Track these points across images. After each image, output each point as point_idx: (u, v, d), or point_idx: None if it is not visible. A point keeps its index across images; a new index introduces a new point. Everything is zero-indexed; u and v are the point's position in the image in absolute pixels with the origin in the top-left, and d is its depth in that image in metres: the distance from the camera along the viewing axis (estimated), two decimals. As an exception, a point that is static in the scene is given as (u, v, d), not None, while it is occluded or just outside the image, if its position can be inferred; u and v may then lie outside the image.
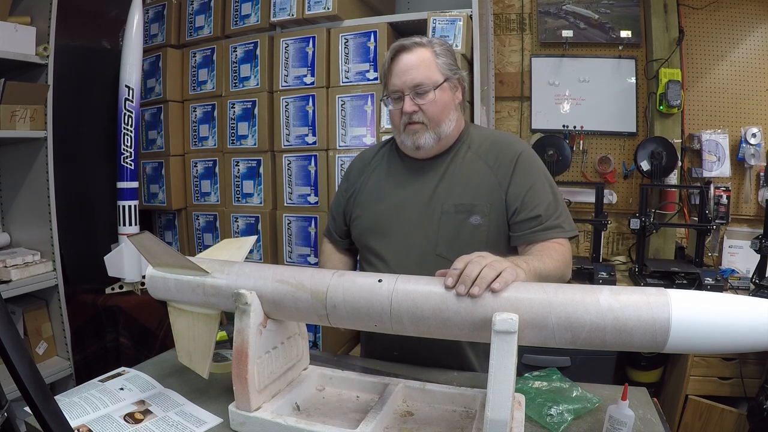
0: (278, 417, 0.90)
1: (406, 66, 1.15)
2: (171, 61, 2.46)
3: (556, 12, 2.60)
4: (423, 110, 1.15)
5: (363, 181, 1.32)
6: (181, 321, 1.03)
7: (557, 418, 0.93)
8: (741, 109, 2.46)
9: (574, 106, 2.63)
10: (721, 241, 2.47)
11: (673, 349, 0.73)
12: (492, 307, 0.77)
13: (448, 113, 1.18)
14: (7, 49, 1.82)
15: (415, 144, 1.18)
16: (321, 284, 0.88)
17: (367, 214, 1.27)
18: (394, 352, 1.22)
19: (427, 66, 1.15)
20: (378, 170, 1.31)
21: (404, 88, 1.15)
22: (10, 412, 0.53)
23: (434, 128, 1.17)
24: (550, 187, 1.18)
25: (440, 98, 1.15)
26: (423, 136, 1.17)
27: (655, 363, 2.23)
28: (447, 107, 1.17)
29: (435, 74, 1.15)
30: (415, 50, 1.15)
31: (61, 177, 2.06)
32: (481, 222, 1.15)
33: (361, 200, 1.30)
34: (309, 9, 2.18)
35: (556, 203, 1.15)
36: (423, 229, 1.18)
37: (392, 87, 1.17)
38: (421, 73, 1.14)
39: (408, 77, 1.14)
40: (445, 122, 1.18)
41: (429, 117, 1.15)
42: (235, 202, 2.39)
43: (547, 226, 1.12)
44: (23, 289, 1.91)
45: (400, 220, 1.21)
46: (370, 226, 1.26)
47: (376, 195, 1.27)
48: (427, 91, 1.14)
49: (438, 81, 1.15)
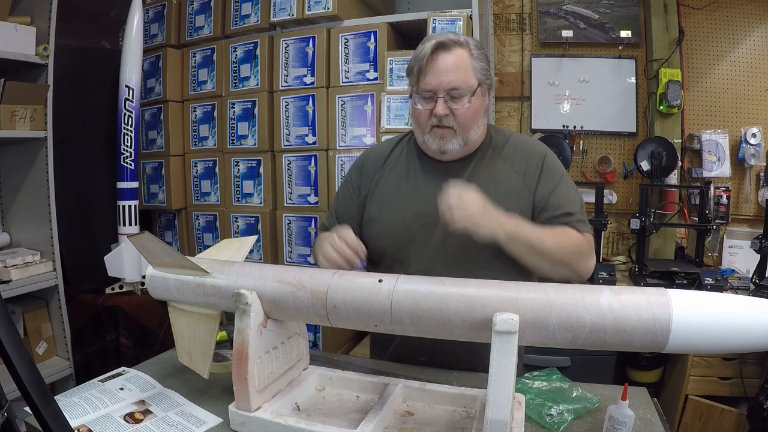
0: (278, 417, 0.90)
1: (445, 67, 1.09)
2: (171, 61, 2.46)
3: (556, 12, 2.60)
4: (455, 115, 1.10)
5: (379, 179, 1.25)
6: (181, 321, 1.03)
7: (557, 418, 0.93)
8: (741, 109, 2.46)
9: (574, 106, 2.63)
10: (721, 241, 2.47)
11: (674, 350, 0.73)
12: (492, 307, 0.77)
13: (477, 119, 1.14)
14: (7, 49, 1.82)
15: (441, 148, 1.14)
16: (321, 284, 0.88)
17: (386, 217, 1.20)
18: (422, 358, 1.19)
19: (465, 69, 1.10)
20: (396, 169, 1.24)
21: (439, 89, 1.09)
22: (10, 412, 0.53)
23: (463, 134, 1.13)
24: (573, 187, 1.19)
25: (473, 104, 1.11)
26: (450, 141, 1.13)
27: (655, 363, 2.23)
28: (478, 113, 1.13)
29: (471, 79, 1.10)
30: (455, 50, 1.10)
31: (61, 177, 2.06)
32: None
33: (378, 200, 1.23)
34: (309, 9, 2.18)
35: (580, 203, 1.17)
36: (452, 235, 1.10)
37: (425, 86, 1.10)
38: (458, 76, 1.09)
39: (445, 79, 1.08)
40: (474, 128, 1.14)
41: (460, 123, 1.11)
42: (235, 202, 2.39)
43: (575, 219, 1.13)
44: (23, 289, 1.91)
45: (426, 226, 1.15)
46: (390, 230, 1.20)
47: (395, 197, 1.21)
48: (462, 96, 1.09)
49: (474, 86, 1.10)
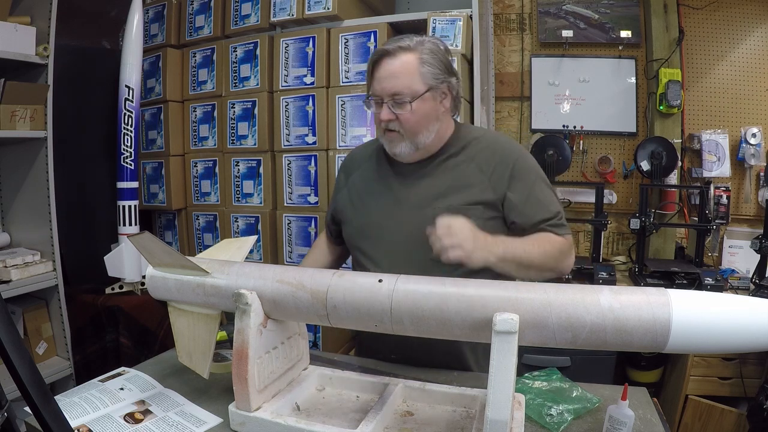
0: (278, 417, 0.90)
1: (387, 72, 1.11)
2: (171, 61, 2.46)
3: (556, 12, 2.60)
4: (400, 120, 1.12)
5: (353, 180, 1.30)
6: (181, 321, 1.03)
7: (557, 418, 0.93)
8: (741, 109, 2.46)
9: (574, 106, 2.63)
10: (721, 241, 2.47)
11: (674, 350, 0.73)
12: (492, 307, 0.77)
13: (427, 124, 1.14)
14: (7, 49, 1.82)
15: (392, 151, 1.18)
16: (321, 284, 0.88)
17: (357, 216, 1.26)
18: (392, 356, 1.21)
19: (409, 75, 1.10)
20: (367, 170, 1.29)
21: (383, 95, 1.12)
22: (10, 412, 0.53)
23: (410, 138, 1.14)
24: (548, 189, 1.19)
25: (418, 109, 1.11)
26: (399, 145, 1.15)
27: (655, 363, 2.23)
28: (426, 118, 1.13)
29: (416, 84, 1.11)
30: (399, 56, 1.11)
31: (61, 177, 2.06)
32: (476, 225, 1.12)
33: (350, 201, 1.29)
34: (309, 9, 2.18)
35: (555, 206, 1.17)
36: (417, 232, 1.11)
37: (372, 91, 1.15)
38: (400, 82, 1.10)
39: (387, 84, 1.11)
40: (423, 133, 1.14)
41: (405, 128, 1.12)
42: (235, 202, 2.39)
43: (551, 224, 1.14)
44: (23, 289, 1.91)
45: (392, 224, 1.19)
46: (360, 228, 1.25)
47: (365, 197, 1.26)
48: (404, 102, 1.10)
49: (418, 92, 1.11)
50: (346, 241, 1.33)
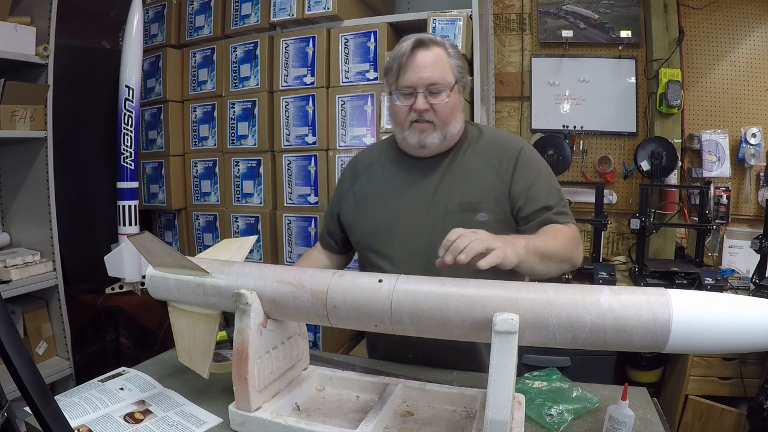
0: (278, 417, 0.90)
1: (423, 63, 1.14)
2: (171, 61, 2.46)
3: (556, 12, 2.60)
4: (435, 110, 1.15)
5: (359, 184, 1.31)
6: (181, 321, 1.03)
7: (557, 418, 0.93)
8: (741, 109, 2.46)
9: (574, 106, 2.63)
10: (721, 241, 2.47)
11: (674, 350, 0.73)
12: (492, 307, 0.77)
13: (456, 115, 1.19)
14: (7, 49, 1.82)
15: (421, 142, 1.18)
16: (321, 284, 0.88)
17: (368, 217, 1.26)
18: (410, 355, 1.22)
19: (443, 66, 1.15)
20: (375, 172, 1.30)
21: (419, 85, 1.14)
22: (10, 412, 0.53)
23: (442, 128, 1.17)
24: (551, 179, 1.21)
25: (452, 100, 1.16)
26: (431, 135, 1.17)
27: (655, 363, 2.23)
28: (456, 109, 1.18)
29: (449, 75, 1.15)
30: (432, 48, 1.15)
31: (61, 177, 2.06)
32: (487, 219, 1.15)
33: (359, 204, 1.29)
34: (309, 9, 2.18)
35: (559, 195, 1.20)
36: (429, 229, 1.17)
37: (405, 82, 1.15)
38: (437, 72, 1.14)
39: (424, 74, 1.13)
40: (453, 123, 1.18)
41: (440, 117, 1.15)
42: (235, 202, 2.39)
43: (555, 212, 1.15)
44: (23, 289, 1.91)
45: (404, 222, 1.20)
46: (372, 229, 1.25)
47: (376, 198, 1.26)
48: (441, 92, 1.14)
49: (451, 82, 1.15)
50: (355, 245, 1.33)
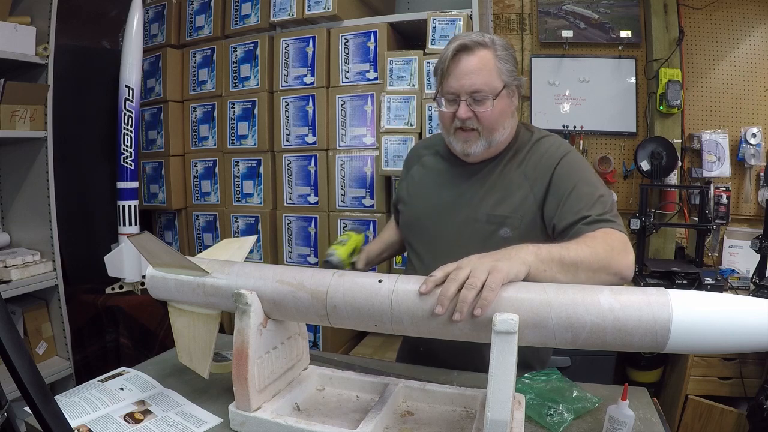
0: (278, 417, 0.90)
1: (467, 69, 1.08)
2: (171, 61, 2.46)
3: (556, 12, 2.60)
4: (478, 118, 1.10)
5: (412, 174, 1.32)
6: (181, 321, 1.03)
7: (557, 418, 0.93)
8: (741, 109, 2.46)
9: (574, 106, 2.63)
10: (721, 241, 2.47)
11: (674, 350, 0.73)
12: (492, 307, 0.77)
13: (503, 121, 1.12)
14: (7, 49, 1.82)
15: (465, 151, 1.14)
16: (321, 284, 0.88)
17: (409, 209, 1.28)
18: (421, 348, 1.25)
19: (488, 71, 1.08)
20: (425, 166, 1.29)
21: (461, 92, 1.09)
22: (10, 412, 0.53)
23: (487, 136, 1.12)
24: (593, 187, 1.08)
25: (497, 106, 1.09)
26: (474, 144, 1.13)
27: (655, 363, 2.23)
28: (503, 115, 1.12)
29: (495, 81, 1.09)
30: (478, 52, 1.08)
31: (61, 177, 2.06)
32: (510, 235, 1.11)
33: (406, 193, 1.31)
34: (309, 9, 2.18)
35: (602, 204, 1.05)
36: (456, 235, 1.16)
37: (448, 89, 1.11)
38: (481, 78, 1.07)
39: (467, 81, 1.08)
40: (499, 131, 1.13)
41: (484, 125, 1.10)
42: (235, 202, 2.39)
43: (590, 221, 1.03)
44: (23, 289, 1.91)
45: (435, 222, 1.20)
46: (410, 222, 1.27)
47: (418, 191, 1.27)
48: (485, 99, 1.08)
49: (497, 89, 1.09)
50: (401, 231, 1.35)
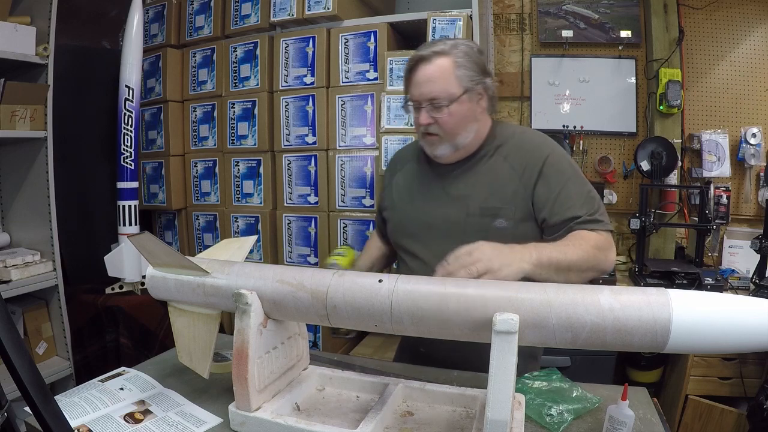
0: (278, 417, 0.90)
1: (424, 78, 1.14)
2: (171, 61, 2.46)
3: (556, 12, 2.60)
4: (438, 123, 1.15)
5: (396, 180, 1.35)
6: (181, 321, 1.03)
7: (557, 418, 0.93)
8: (741, 109, 2.46)
9: (574, 106, 2.63)
10: (721, 241, 2.47)
11: (674, 350, 0.73)
12: (492, 307, 0.77)
13: (465, 125, 1.17)
14: (7, 49, 1.82)
15: (432, 153, 1.21)
16: (321, 284, 0.88)
17: (397, 213, 1.31)
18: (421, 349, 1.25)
19: (445, 79, 1.13)
20: (409, 170, 1.33)
21: (421, 100, 1.15)
22: (10, 412, 0.53)
23: (449, 140, 1.17)
24: (582, 186, 1.16)
25: (456, 112, 1.14)
26: (439, 147, 1.18)
27: (655, 363, 2.23)
28: (464, 119, 1.16)
29: (452, 87, 1.13)
30: (435, 60, 1.13)
31: (61, 177, 2.06)
32: (506, 225, 1.15)
33: (392, 199, 1.33)
34: (309, 9, 2.18)
35: (591, 202, 1.14)
36: (450, 231, 1.18)
37: (411, 96, 1.18)
38: (437, 86, 1.13)
39: (425, 89, 1.14)
40: (462, 134, 1.17)
41: (444, 130, 1.15)
42: (235, 202, 2.39)
43: (582, 221, 1.11)
44: (23, 289, 1.91)
45: (427, 223, 1.23)
46: (400, 226, 1.30)
47: (405, 195, 1.30)
48: (442, 106, 1.13)
49: (455, 95, 1.13)
50: (389, 238, 1.37)
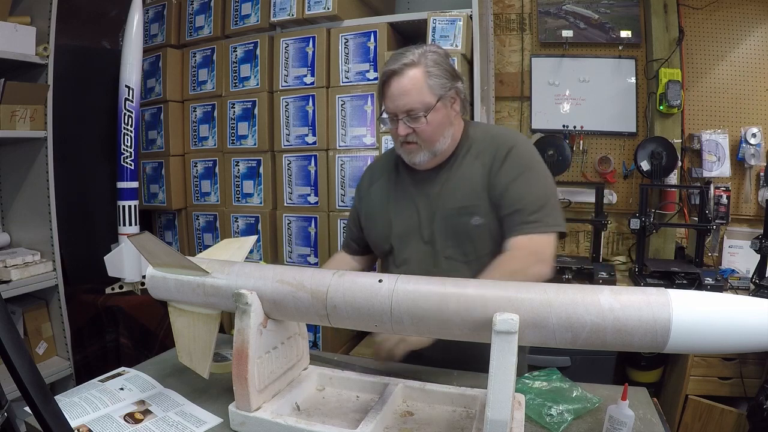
0: (278, 417, 0.90)
1: (398, 91, 1.15)
2: (171, 61, 2.46)
3: (556, 12, 2.60)
4: (416, 133, 1.17)
5: (373, 190, 1.36)
6: (181, 321, 1.03)
7: (557, 418, 0.93)
8: (741, 109, 2.46)
9: (574, 106, 2.63)
10: (721, 241, 2.47)
11: (674, 350, 0.73)
12: (492, 307, 0.77)
13: (442, 131, 1.19)
14: (7, 49, 1.82)
15: (411, 161, 1.23)
16: (321, 284, 0.88)
17: (379, 222, 1.32)
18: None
19: (419, 90, 1.14)
20: (386, 180, 1.34)
21: (397, 112, 1.17)
22: (10, 412, 0.53)
23: (428, 147, 1.19)
24: (537, 180, 1.17)
25: (433, 120, 1.16)
26: (418, 155, 1.20)
27: (655, 363, 2.23)
28: (441, 126, 1.18)
29: (427, 97, 1.15)
30: (407, 73, 1.14)
31: (61, 177, 2.06)
32: (482, 222, 1.18)
33: (372, 211, 1.34)
34: (309, 9, 2.18)
35: (541, 197, 1.14)
36: (433, 234, 1.22)
37: (387, 109, 1.20)
38: (412, 98, 1.14)
39: (400, 102, 1.15)
40: (440, 140, 1.19)
41: (422, 138, 1.17)
42: (235, 202, 2.39)
43: (525, 220, 1.12)
44: (23, 289, 1.91)
45: (411, 227, 1.25)
46: (381, 236, 1.31)
47: (385, 204, 1.31)
48: (419, 116, 1.15)
49: (430, 104, 1.15)
50: (372, 248, 1.38)
